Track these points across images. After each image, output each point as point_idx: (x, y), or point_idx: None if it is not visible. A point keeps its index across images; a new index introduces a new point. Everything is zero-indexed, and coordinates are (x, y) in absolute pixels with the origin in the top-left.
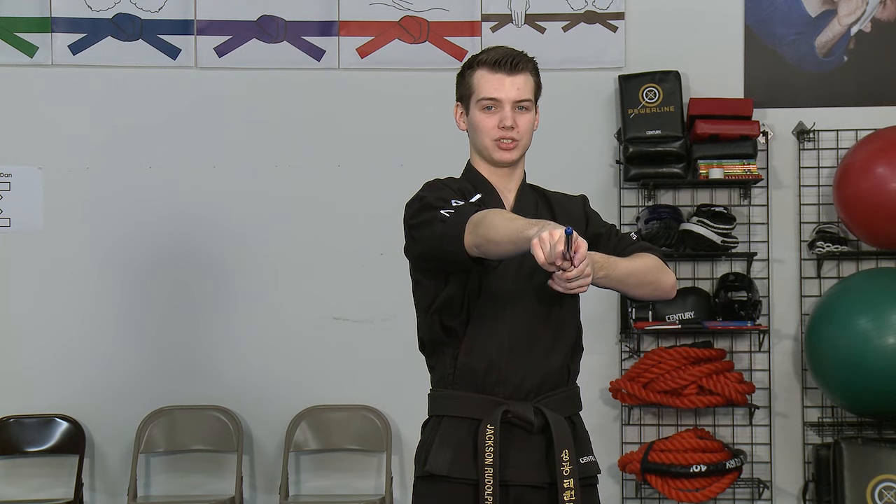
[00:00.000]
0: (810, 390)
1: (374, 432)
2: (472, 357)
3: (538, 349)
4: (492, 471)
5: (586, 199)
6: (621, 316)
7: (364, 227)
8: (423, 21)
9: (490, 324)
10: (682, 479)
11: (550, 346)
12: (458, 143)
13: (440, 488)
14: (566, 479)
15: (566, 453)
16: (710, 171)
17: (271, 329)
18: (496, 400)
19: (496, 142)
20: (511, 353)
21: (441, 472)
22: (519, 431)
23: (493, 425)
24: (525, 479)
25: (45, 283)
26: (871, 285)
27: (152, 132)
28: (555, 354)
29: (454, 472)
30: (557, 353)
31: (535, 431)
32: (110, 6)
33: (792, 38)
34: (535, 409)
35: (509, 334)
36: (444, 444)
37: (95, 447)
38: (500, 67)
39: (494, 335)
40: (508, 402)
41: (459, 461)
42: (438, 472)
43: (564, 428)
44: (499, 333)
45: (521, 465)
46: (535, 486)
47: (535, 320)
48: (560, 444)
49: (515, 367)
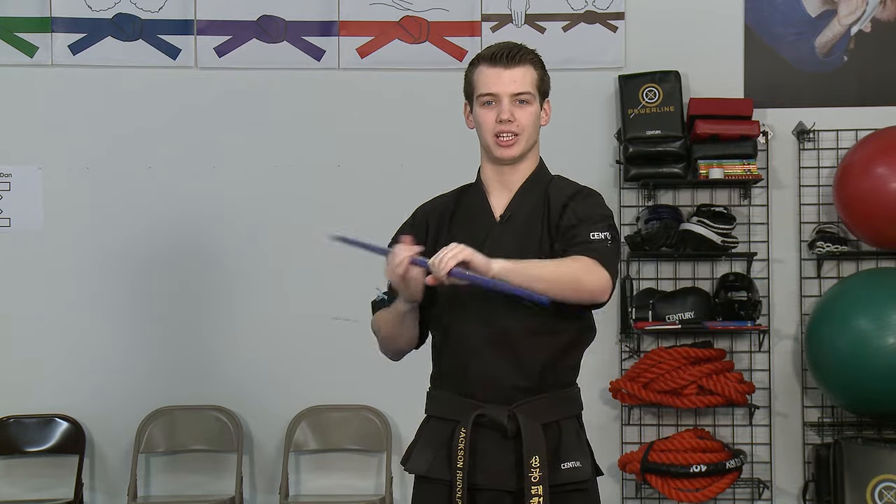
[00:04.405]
0: (810, 390)
1: (374, 432)
2: (453, 359)
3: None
4: (461, 473)
5: (578, 193)
6: (621, 316)
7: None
8: (423, 21)
9: (467, 328)
10: (682, 479)
11: (530, 349)
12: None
13: (422, 487)
14: (534, 485)
15: (535, 460)
16: (710, 171)
17: (271, 329)
18: (474, 403)
19: (496, 138)
20: (481, 355)
21: (420, 471)
22: (494, 435)
23: (467, 428)
24: (496, 484)
25: (45, 283)
26: (871, 285)
27: (152, 132)
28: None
29: (432, 472)
30: (539, 357)
31: (509, 436)
32: (110, 6)
33: (792, 38)
34: (509, 414)
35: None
36: (427, 443)
37: (95, 447)
38: (498, 61)
39: (471, 340)
40: (485, 405)
41: (438, 462)
42: (417, 472)
43: (538, 434)
44: (475, 338)
45: (493, 468)
46: (508, 491)
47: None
48: (530, 450)
49: (489, 369)
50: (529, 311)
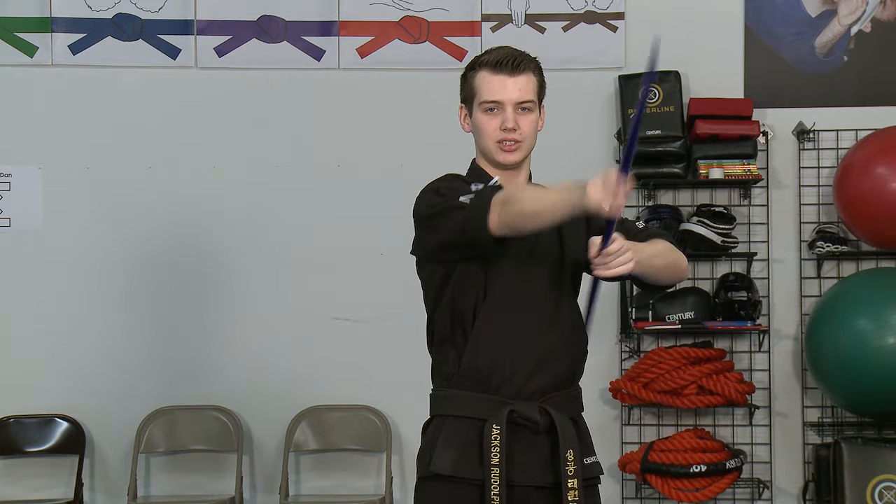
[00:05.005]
0: (810, 390)
1: (374, 432)
2: (478, 357)
3: (544, 351)
4: (498, 471)
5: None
6: (621, 316)
7: (364, 227)
8: (423, 21)
9: (495, 324)
10: (682, 479)
11: (558, 347)
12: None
13: (445, 488)
14: (570, 479)
15: (570, 453)
16: (710, 171)
17: (271, 329)
18: (501, 400)
19: (499, 144)
20: (516, 354)
21: (445, 471)
22: (524, 431)
23: (500, 425)
24: (530, 480)
25: (45, 283)
26: (871, 285)
27: (152, 132)
28: (562, 356)
29: (459, 471)
30: (565, 355)
31: (540, 431)
32: (110, 6)
33: (792, 38)
34: (540, 409)
35: (514, 335)
36: (449, 443)
37: (95, 447)
38: (502, 68)
39: (500, 336)
40: (513, 402)
41: (464, 461)
42: (443, 472)
43: (569, 428)
44: (504, 334)
45: (526, 465)
46: (539, 487)
47: (541, 321)
48: (565, 443)
49: (520, 368)
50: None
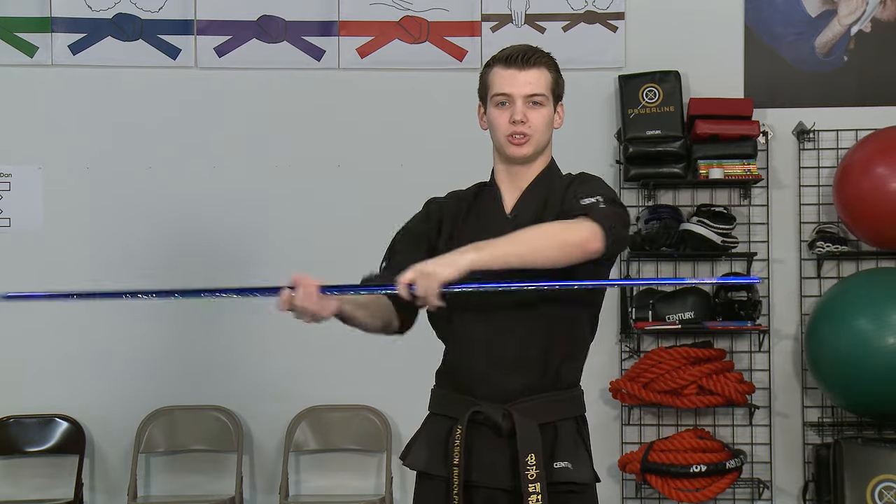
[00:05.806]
0: (810, 390)
1: (374, 432)
2: (457, 357)
3: (517, 354)
4: (457, 470)
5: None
6: (621, 316)
7: (364, 226)
8: (423, 21)
9: (471, 325)
10: (682, 479)
11: (536, 348)
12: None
13: (423, 483)
14: (531, 483)
15: (532, 457)
16: (710, 171)
17: (271, 329)
18: (472, 400)
19: (508, 137)
20: (489, 355)
21: (418, 467)
22: (490, 433)
23: (463, 425)
24: (492, 482)
25: (46, 283)
26: (871, 285)
27: (152, 132)
28: (541, 358)
29: (429, 468)
30: (545, 357)
31: (504, 434)
32: (110, 6)
33: (792, 38)
34: (504, 413)
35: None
36: (424, 440)
37: (95, 447)
38: (513, 63)
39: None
40: (482, 403)
41: (435, 458)
42: (415, 468)
43: (533, 432)
44: (478, 335)
45: (489, 467)
46: (504, 490)
47: (517, 324)
48: (525, 447)
49: (493, 369)
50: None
